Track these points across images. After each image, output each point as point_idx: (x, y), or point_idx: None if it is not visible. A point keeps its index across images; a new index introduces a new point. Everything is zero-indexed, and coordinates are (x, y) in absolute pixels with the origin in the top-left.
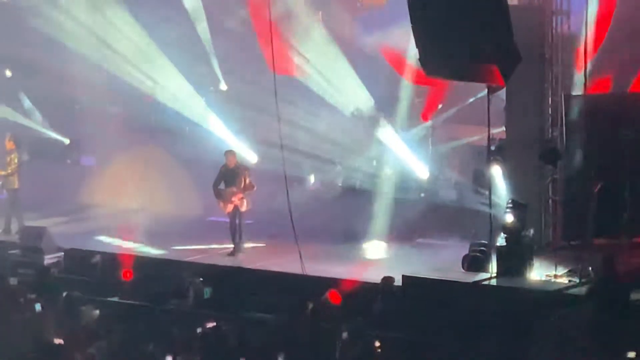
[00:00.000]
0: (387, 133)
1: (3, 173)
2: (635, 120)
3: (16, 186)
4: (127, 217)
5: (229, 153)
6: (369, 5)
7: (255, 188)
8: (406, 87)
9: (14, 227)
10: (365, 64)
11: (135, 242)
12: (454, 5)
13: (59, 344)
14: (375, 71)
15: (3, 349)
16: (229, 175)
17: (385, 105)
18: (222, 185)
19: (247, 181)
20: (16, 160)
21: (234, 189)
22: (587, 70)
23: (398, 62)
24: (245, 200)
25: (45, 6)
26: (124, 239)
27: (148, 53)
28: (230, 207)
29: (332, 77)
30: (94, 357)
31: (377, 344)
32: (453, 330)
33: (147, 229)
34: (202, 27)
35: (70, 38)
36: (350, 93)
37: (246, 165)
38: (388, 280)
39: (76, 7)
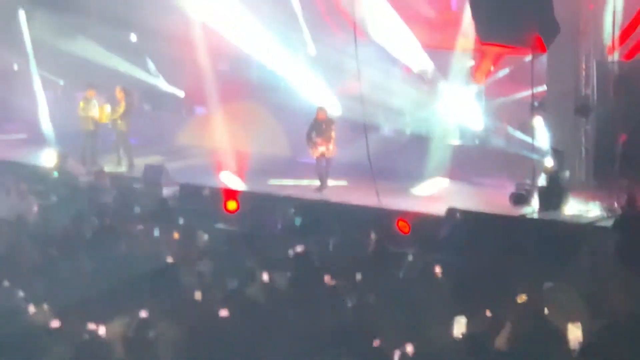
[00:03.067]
0: (447, 90)
1: (112, 117)
2: None
3: (123, 129)
4: (233, 157)
5: (320, 109)
6: None
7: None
8: (463, 53)
9: (125, 163)
10: (430, 34)
11: (238, 178)
12: None
13: (173, 262)
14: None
15: (127, 267)
16: (319, 127)
17: (447, 67)
18: (313, 134)
19: (333, 134)
20: (122, 108)
21: (320, 140)
22: (616, 40)
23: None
24: (330, 148)
25: None
26: (230, 175)
27: (250, 22)
28: (317, 153)
29: (402, 44)
30: (203, 273)
31: (438, 269)
32: (502, 256)
33: (249, 167)
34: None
35: (187, 7)
36: (417, 57)
37: (333, 119)
38: (452, 210)
39: None
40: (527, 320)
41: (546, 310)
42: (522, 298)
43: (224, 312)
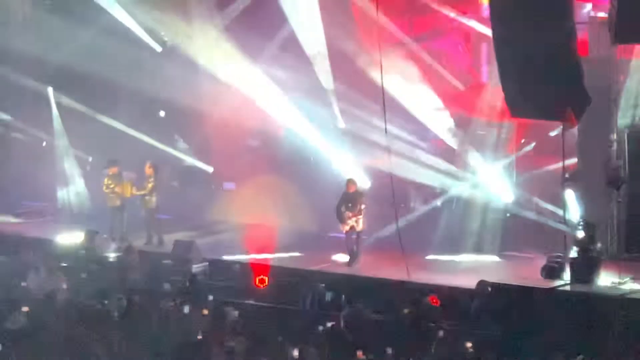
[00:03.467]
0: (477, 162)
1: (140, 193)
2: None
3: (152, 206)
4: (262, 232)
5: (350, 181)
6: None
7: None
8: (493, 125)
9: (155, 240)
10: (460, 106)
11: (268, 253)
12: (535, 57)
13: (203, 340)
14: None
15: (157, 343)
16: (349, 199)
17: (474, 140)
18: (343, 208)
19: (363, 207)
20: (151, 185)
21: (350, 214)
22: None
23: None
24: (360, 221)
25: (193, 55)
26: (259, 251)
27: (278, 97)
28: (347, 227)
29: (432, 117)
30: (234, 349)
31: (469, 344)
32: (535, 329)
33: (279, 242)
34: (324, 74)
35: (215, 85)
36: (446, 130)
37: (362, 191)
38: (483, 283)
39: (215, 59)
40: None
41: None
42: None
43: None
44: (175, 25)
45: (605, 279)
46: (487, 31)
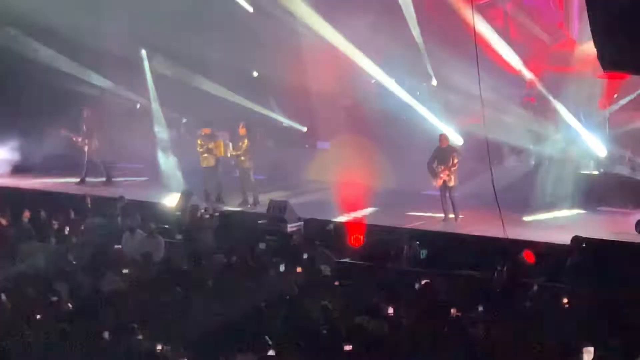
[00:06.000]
0: (571, 119)
1: (235, 153)
2: None
3: (247, 166)
4: (356, 191)
5: (442, 136)
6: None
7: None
8: (585, 80)
9: (250, 200)
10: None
11: (361, 211)
12: (627, 9)
13: (298, 298)
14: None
15: (253, 301)
16: (441, 154)
17: (567, 96)
18: (435, 164)
19: (455, 161)
20: (245, 144)
21: (442, 167)
22: None
23: None
24: (452, 177)
25: (284, 16)
26: (353, 210)
27: (369, 56)
28: (440, 182)
29: (524, 74)
30: (327, 307)
31: (565, 300)
32: (629, 284)
33: (373, 200)
34: (416, 32)
35: (307, 45)
36: (538, 87)
37: (455, 147)
38: (577, 239)
39: (307, 18)
40: None
41: None
42: None
43: (348, 347)
44: None
45: None
46: None
